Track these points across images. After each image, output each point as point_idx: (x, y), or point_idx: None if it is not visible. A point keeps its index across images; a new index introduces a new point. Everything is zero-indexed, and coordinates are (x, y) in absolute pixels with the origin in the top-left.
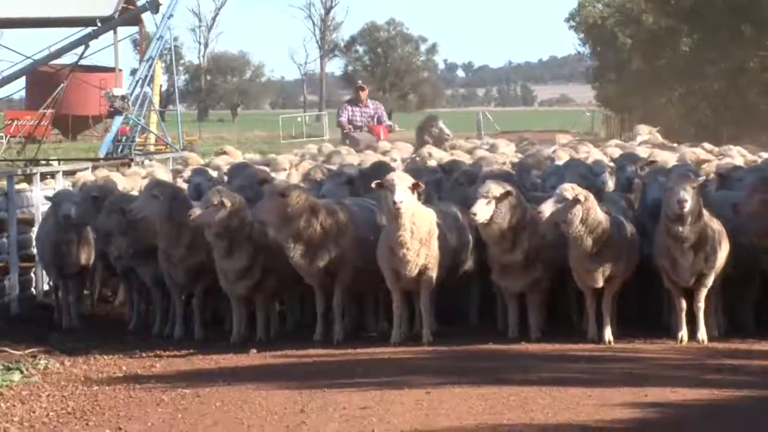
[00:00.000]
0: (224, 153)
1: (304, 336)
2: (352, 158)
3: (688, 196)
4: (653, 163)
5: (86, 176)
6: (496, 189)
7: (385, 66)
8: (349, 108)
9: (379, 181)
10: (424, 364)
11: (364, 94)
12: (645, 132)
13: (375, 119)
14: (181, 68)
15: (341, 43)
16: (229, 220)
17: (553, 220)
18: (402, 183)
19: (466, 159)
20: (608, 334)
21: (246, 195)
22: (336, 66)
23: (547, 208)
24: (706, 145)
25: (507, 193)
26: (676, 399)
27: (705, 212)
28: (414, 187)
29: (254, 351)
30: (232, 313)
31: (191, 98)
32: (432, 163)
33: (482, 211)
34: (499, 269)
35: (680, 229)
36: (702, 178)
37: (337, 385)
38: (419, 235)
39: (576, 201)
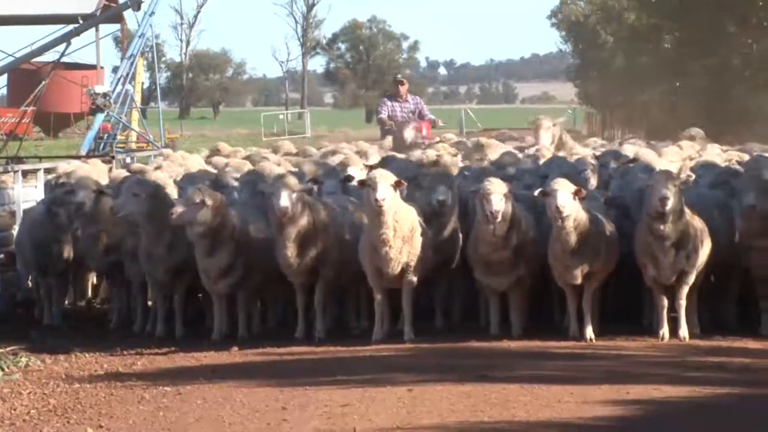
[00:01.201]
0: (217, 150)
1: (285, 334)
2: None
3: (670, 194)
4: (635, 161)
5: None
6: (504, 186)
7: (367, 63)
8: (389, 103)
9: (361, 178)
10: (406, 362)
11: (404, 89)
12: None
13: (416, 114)
14: (162, 66)
15: (323, 41)
16: (212, 219)
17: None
18: (384, 181)
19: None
20: (589, 331)
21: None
22: (318, 64)
23: (499, 206)
24: (685, 142)
25: (508, 193)
26: (658, 396)
27: (686, 210)
28: (396, 185)
29: (235, 349)
30: (214, 311)
31: (173, 96)
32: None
33: (500, 205)
34: (484, 267)
35: (661, 227)
36: (684, 176)
37: (318, 383)
38: (402, 233)
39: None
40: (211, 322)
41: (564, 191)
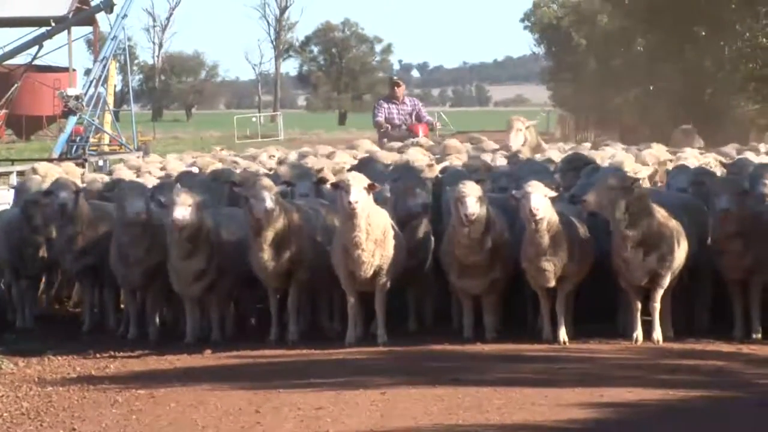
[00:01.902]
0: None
1: (258, 337)
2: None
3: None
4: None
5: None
6: (478, 188)
7: (340, 66)
8: (385, 105)
9: (333, 181)
10: (380, 365)
11: (400, 91)
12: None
13: (413, 117)
14: (135, 68)
15: (296, 44)
16: (200, 221)
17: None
18: (357, 183)
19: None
20: (563, 334)
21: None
22: (291, 66)
23: (474, 208)
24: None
25: (484, 194)
26: (632, 399)
27: (661, 211)
28: (369, 188)
29: (209, 352)
30: (186, 313)
31: (146, 98)
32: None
33: (475, 208)
34: (458, 270)
35: (629, 232)
36: (640, 177)
37: (291, 386)
38: (374, 236)
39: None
40: (185, 326)
41: (538, 193)
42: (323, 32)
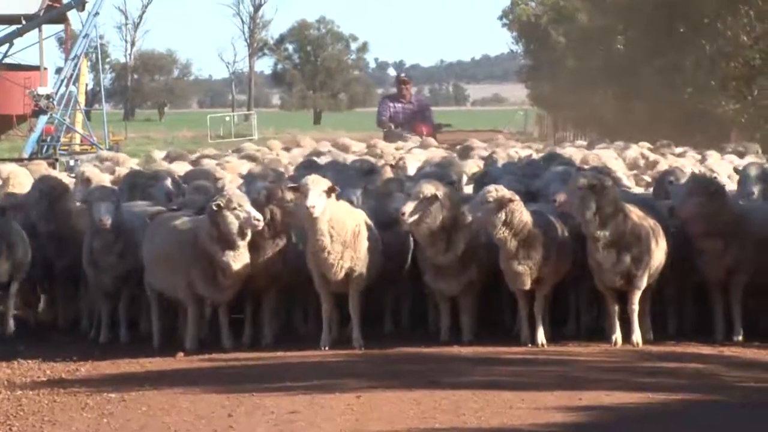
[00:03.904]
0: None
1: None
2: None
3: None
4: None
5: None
6: (426, 189)
7: (315, 65)
8: (391, 104)
9: (294, 185)
10: (355, 368)
11: (408, 89)
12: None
13: (420, 117)
14: (107, 67)
15: (270, 42)
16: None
17: (475, 223)
18: (316, 187)
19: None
20: (541, 336)
21: None
22: (265, 65)
23: (470, 211)
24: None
25: (435, 197)
26: (611, 402)
27: (635, 211)
28: (330, 191)
29: (181, 354)
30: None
31: (117, 97)
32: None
33: (410, 210)
34: (433, 271)
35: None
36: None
37: (265, 389)
38: (341, 238)
39: (501, 203)
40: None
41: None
42: (298, 30)
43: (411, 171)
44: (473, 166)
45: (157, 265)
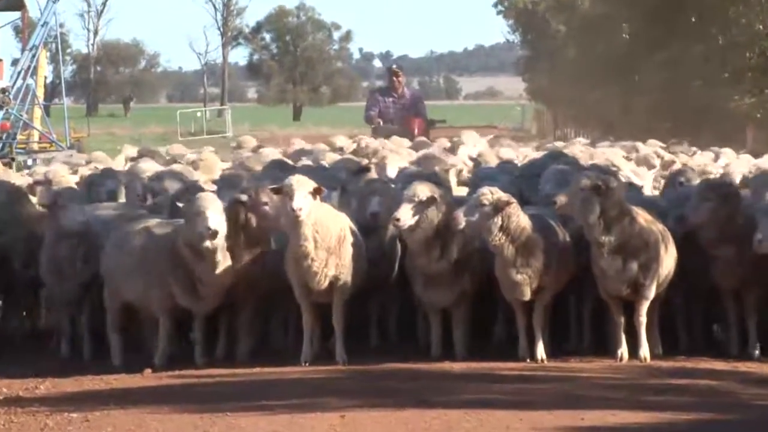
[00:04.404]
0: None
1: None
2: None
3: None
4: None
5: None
6: (422, 192)
7: (295, 55)
8: (380, 98)
9: (276, 186)
10: (338, 385)
11: (400, 81)
12: None
13: (413, 112)
14: (68, 58)
15: (246, 30)
16: None
17: (469, 228)
18: (302, 188)
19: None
20: (540, 351)
21: None
22: (240, 55)
23: (462, 215)
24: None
25: (432, 199)
26: (616, 423)
27: (643, 214)
28: (316, 192)
29: (149, 371)
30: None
31: (79, 91)
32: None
33: (407, 215)
34: (423, 281)
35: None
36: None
37: (241, 408)
38: (326, 244)
39: (497, 207)
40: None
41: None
42: (276, 18)
43: (391, 172)
44: (458, 162)
45: (128, 273)
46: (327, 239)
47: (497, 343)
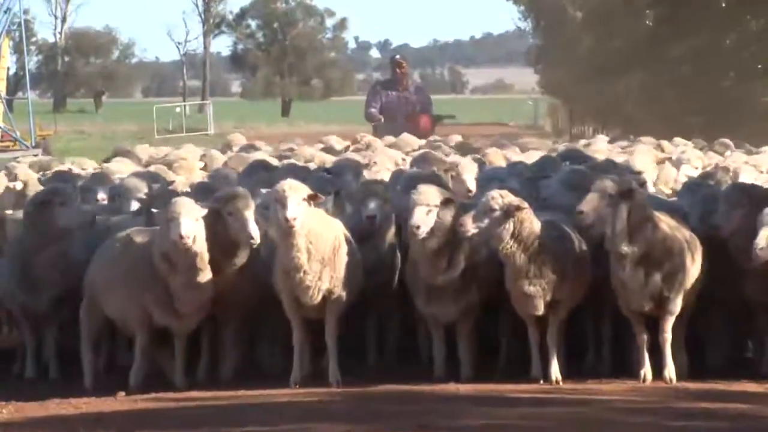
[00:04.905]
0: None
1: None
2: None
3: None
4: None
5: None
6: (435, 195)
7: (283, 45)
8: (382, 93)
9: (268, 190)
10: (332, 409)
11: (404, 73)
12: None
13: (419, 108)
14: (33, 47)
15: (229, 17)
16: None
17: (479, 236)
18: (295, 194)
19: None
20: (555, 371)
21: None
22: (223, 45)
23: (471, 222)
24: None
25: (448, 201)
26: None
27: (666, 220)
28: (311, 199)
29: (122, 394)
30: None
31: (45, 84)
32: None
33: (424, 222)
34: (426, 293)
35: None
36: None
37: None
38: (320, 255)
39: (506, 212)
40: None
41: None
42: (262, 3)
43: (383, 173)
44: (459, 161)
45: (109, 286)
46: (321, 250)
47: (507, 362)
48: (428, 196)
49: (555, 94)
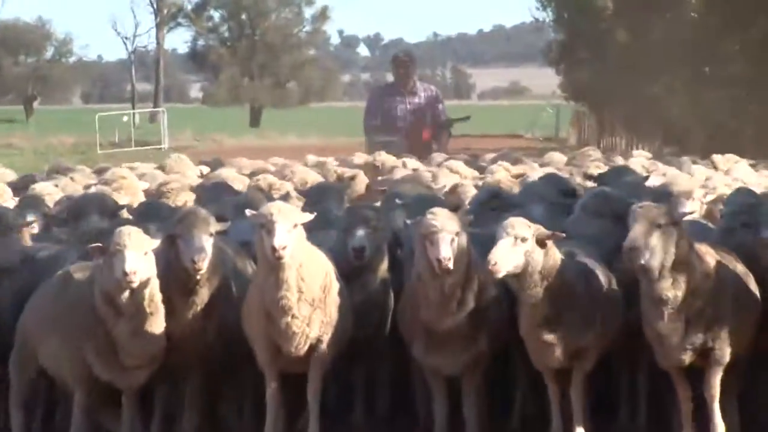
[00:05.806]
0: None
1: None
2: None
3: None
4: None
5: None
6: (451, 224)
7: (253, 40)
8: (384, 99)
9: (253, 212)
10: None
11: (409, 74)
12: None
13: (430, 115)
14: None
15: (187, 7)
16: None
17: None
18: (285, 220)
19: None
20: None
21: None
22: (180, 40)
23: (498, 257)
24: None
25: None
26: None
27: (710, 252)
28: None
29: None
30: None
31: None
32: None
33: (450, 252)
34: (427, 340)
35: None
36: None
37: None
38: (310, 294)
39: (537, 245)
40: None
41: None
42: None
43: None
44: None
45: (42, 333)
46: (313, 288)
47: (522, 422)
48: (446, 221)
49: (580, 100)
